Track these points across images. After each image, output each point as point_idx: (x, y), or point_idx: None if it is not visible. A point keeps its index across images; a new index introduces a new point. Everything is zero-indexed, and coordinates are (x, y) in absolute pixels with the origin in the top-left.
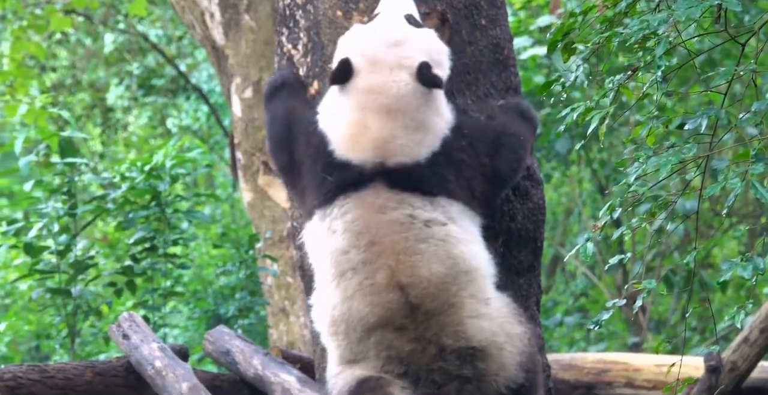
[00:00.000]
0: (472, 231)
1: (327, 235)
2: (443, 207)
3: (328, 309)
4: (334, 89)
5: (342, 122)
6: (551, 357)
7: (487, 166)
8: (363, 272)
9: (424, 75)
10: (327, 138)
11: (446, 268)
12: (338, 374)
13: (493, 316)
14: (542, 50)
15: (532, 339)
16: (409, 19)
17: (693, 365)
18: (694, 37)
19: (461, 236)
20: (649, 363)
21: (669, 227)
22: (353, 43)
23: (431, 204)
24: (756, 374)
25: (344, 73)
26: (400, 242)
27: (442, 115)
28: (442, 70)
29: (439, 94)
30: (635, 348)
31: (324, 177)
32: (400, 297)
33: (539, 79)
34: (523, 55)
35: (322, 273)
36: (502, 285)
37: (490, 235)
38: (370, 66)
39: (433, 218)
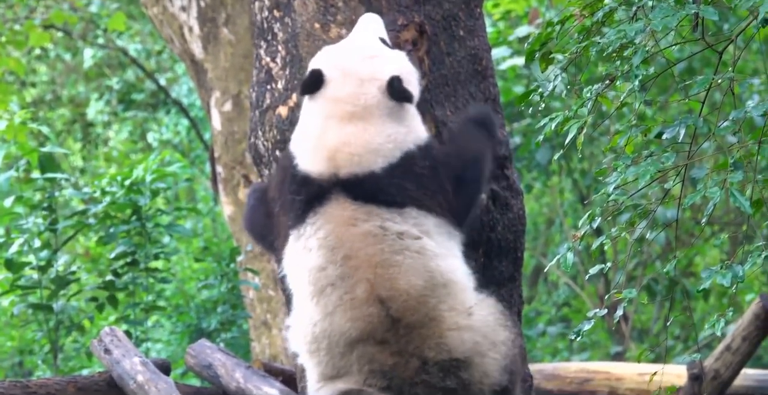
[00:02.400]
0: (449, 246)
1: (303, 254)
2: (415, 219)
3: (308, 326)
4: (304, 102)
5: (305, 135)
6: (534, 367)
7: (449, 194)
8: (342, 287)
9: (395, 88)
10: (293, 154)
11: (424, 281)
12: (319, 389)
13: (475, 327)
14: (521, 61)
15: (516, 341)
16: (383, 41)
17: (676, 373)
18: (671, 46)
19: (437, 251)
20: (631, 372)
21: (650, 236)
22: (326, 56)
23: (400, 216)
24: (739, 381)
25: (314, 83)
26: (376, 254)
27: (411, 130)
28: (413, 88)
29: (410, 111)
30: (618, 357)
31: (293, 198)
32: (381, 310)
33: (519, 89)
34: (503, 66)
35: (300, 292)
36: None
37: (470, 245)
38: (342, 77)
39: (405, 231)
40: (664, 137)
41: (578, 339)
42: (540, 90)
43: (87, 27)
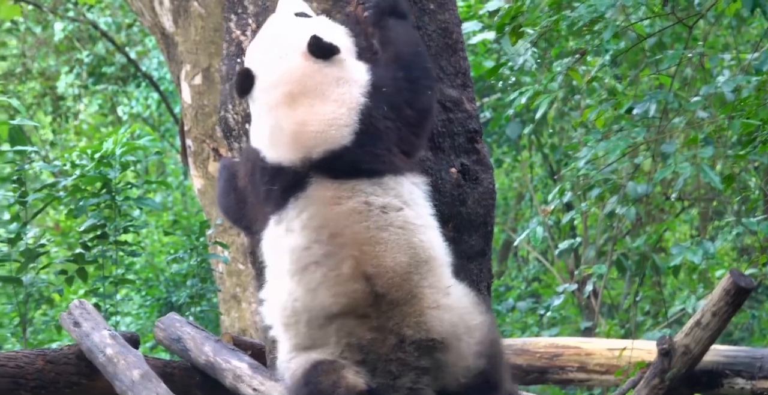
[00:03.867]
0: (425, 214)
1: (284, 235)
2: (394, 189)
3: (288, 301)
4: (249, 103)
5: (262, 130)
6: (503, 342)
7: (410, 114)
8: (326, 264)
9: (314, 45)
10: (257, 149)
11: (408, 257)
12: (291, 359)
13: (453, 307)
14: (492, 35)
15: (492, 326)
16: (300, 15)
17: (646, 349)
18: (641, 20)
19: (418, 222)
20: (601, 347)
21: (620, 210)
22: (248, 54)
23: (381, 187)
24: (709, 357)
25: (244, 82)
26: (362, 232)
27: (352, 82)
28: (338, 41)
29: (343, 62)
30: (588, 332)
31: (268, 188)
32: (366, 286)
33: (490, 64)
34: (473, 40)
35: (280, 271)
36: (453, 271)
37: (440, 220)
38: (266, 64)
39: (387, 203)
40: (634, 112)
41: (548, 314)
42: (510, 64)
43: (57, 0)
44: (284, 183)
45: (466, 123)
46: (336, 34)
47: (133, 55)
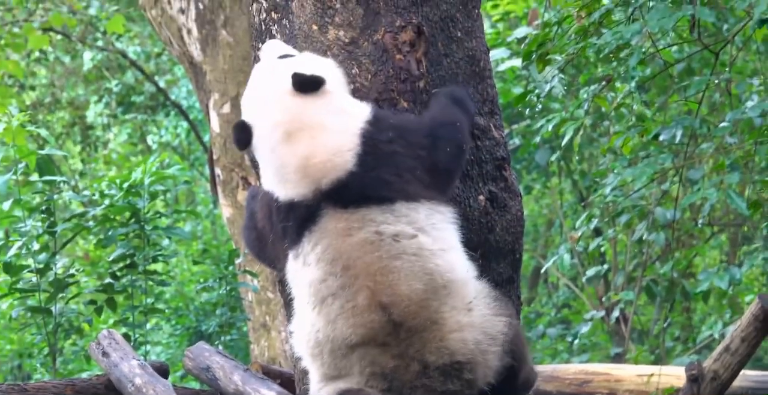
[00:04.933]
0: (444, 236)
1: (302, 269)
2: (407, 216)
3: (311, 332)
4: (254, 153)
5: (269, 172)
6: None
7: (426, 159)
8: (343, 296)
9: (297, 81)
10: (270, 192)
11: (424, 284)
12: (320, 389)
13: (476, 324)
14: (520, 62)
15: (512, 322)
16: (284, 57)
17: (675, 375)
18: (668, 47)
19: (434, 248)
20: (630, 373)
21: (648, 236)
22: (242, 108)
23: (392, 215)
24: (738, 383)
25: (242, 135)
26: (374, 262)
27: (349, 112)
28: (323, 72)
29: (335, 95)
30: (618, 358)
31: (283, 225)
32: (382, 316)
33: (518, 90)
34: (502, 67)
35: (302, 304)
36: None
37: (468, 247)
38: (257, 112)
39: (399, 231)
40: (661, 138)
41: (576, 341)
42: (537, 91)
43: (86, 29)
44: (298, 218)
45: (493, 151)
46: (321, 67)
47: (162, 84)
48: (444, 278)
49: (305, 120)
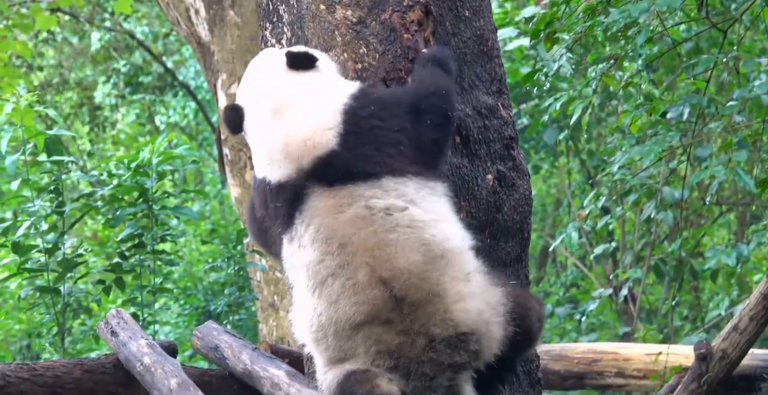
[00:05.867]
0: (436, 208)
1: (298, 252)
2: (396, 190)
3: (313, 317)
4: (246, 138)
5: (260, 154)
6: (542, 348)
7: (410, 131)
8: (343, 274)
9: (291, 58)
10: (263, 177)
11: (422, 255)
12: (327, 372)
13: (476, 293)
14: (528, 41)
15: (509, 292)
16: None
17: (683, 354)
18: (675, 25)
19: (426, 218)
20: (639, 352)
21: (657, 215)
22: (237, 94)
23: (381, 189)
24: (746, 361)
25: (233, 117)
26: (369, 237)
27: (334, 87)
28: (316, 54)
29: (326, 72)
30: (626, 338)
31: (274, 206)
32: (384, 291)
33: (526, 70)
34: (509, 47)
35: (300, 287)
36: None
37: (476, 227)
38: (249, 94)
39: (390, 205)
40: (668, 116)
41: (584, 319)
42: (545, 70)
43: (94, 10)
44: (287, 200)
45: (501, 130)
46: (314, 52)
47: (170, 65)
48: (441, 247)
49: (292, 94)
